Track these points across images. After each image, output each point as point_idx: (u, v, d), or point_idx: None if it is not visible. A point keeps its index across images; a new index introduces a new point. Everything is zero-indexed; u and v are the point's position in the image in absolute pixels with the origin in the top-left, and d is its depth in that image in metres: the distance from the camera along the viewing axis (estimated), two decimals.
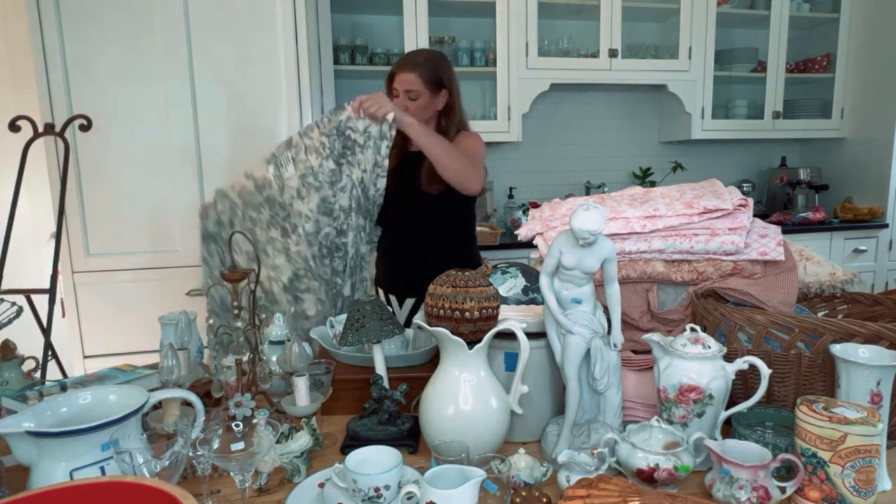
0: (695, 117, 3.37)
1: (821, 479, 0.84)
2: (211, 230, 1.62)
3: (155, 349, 1.29)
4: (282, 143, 1.63)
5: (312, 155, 1.57)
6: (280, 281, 1.63)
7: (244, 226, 1.62)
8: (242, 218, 1.62)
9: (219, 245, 1.64)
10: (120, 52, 2.13)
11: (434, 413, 0.98)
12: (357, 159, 1.59)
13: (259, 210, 1.61)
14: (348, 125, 1.57)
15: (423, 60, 1.84)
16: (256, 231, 1.62)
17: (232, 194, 1.62)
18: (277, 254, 1.62)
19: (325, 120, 1.59)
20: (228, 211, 1.62)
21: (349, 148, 1.58)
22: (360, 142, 1.57)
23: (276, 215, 1.61)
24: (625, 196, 1.46)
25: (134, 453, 0.79)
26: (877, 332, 0.98)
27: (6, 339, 1.32)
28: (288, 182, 1.59)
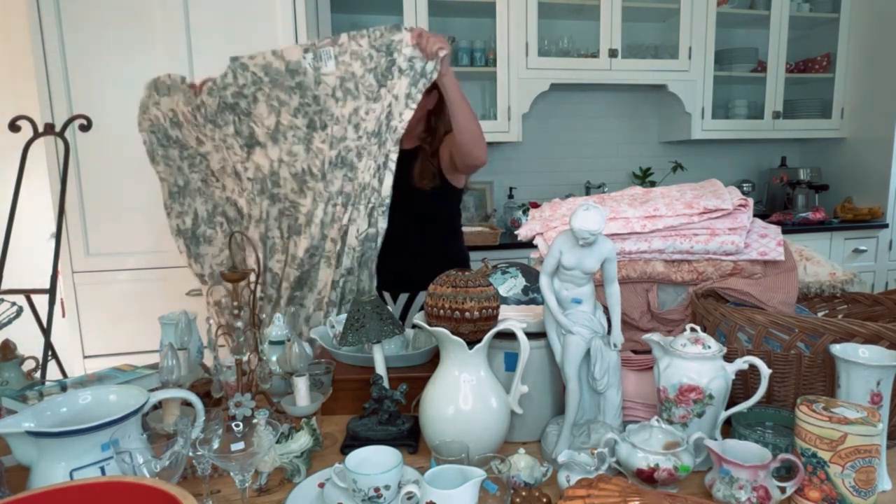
0: (695, 117, 3.37)
1: (821, 479, 0.84)
2: (230, 101, 1.60)
3: (155, 349, 1.29)
4: (326, 38, 1.60)
5: (357, 62, 1.55)
6: (293, 167, 1.63)
7: (269, 104, 1.60)
8: (269, 93, 1.60)
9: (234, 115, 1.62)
10: (120, 52, 2.13)
11: (434, 413, 0.98)
12: (393, 83, 1.56)
13: (290, 94, 1.59)
14: (397, 47, 1.54)
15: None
16: (282, 111, 1.60)
17: (255, 68, 1.60)
18: (298, 142, 1.62)
19: (378, 33, 1.55)
20: (252, 85, 1.60)
21: (391, 71, 1.55)
22: (402, 67, 1.54)
23: (308, 105, 1.60)
24: (625, 196, 1.46)
25: (134, 453, 0.79)
26: (877, 332, 0.97)
27: (6, 339, 1.32)
28: (325, 78, 1.57)
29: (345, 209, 1.64)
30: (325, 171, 1.63)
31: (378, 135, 1.60)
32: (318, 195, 1.64)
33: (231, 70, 1.61)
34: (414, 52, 1.53)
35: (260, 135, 1.63)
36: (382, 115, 1.58)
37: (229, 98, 1.61)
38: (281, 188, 1.66)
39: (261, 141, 1.64)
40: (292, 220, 1.68)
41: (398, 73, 1.54)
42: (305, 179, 1.64)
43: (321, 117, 1.60)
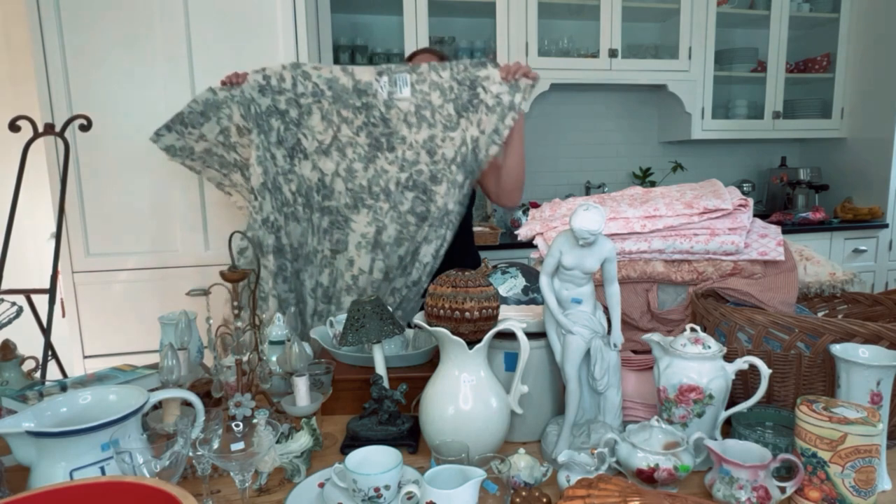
0: (695, 117, 3.37)
1: (821, 479, 0.84)
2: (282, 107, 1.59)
3: (155, 349, 1.29)
4: (403, 64, 1.63)
5: (436, 92, 1.59)
6: (351, 182, 1.63)
7: (328, 117, 1.61)
8: (327, 108, 1.61)
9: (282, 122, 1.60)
10: (120, 52, 2.13)
11: (434, 413, 0.98)
12: (479, 118, 1.59)
13: (354, 112, 1.61)
14: (483, 83, 1.58)
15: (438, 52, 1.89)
16: (342, 127, 1.61)
17: (317, 79, 1.61)
18: (358, 160, 1.63)
19: (461, 67, 1.60)
20: (311, 96, 1.60)
21: (474, 105, 1.59)
22: (488, 103, 1.57)
23: (374, 126, 1.61)
24: (625, 196, 1.46)
25: (134, 453, 0.79)
26: (877, 332, 0.98)
27: (6, 339, 1.32)
28: (398, 103, 1.60)
29: (418, 228, 1.65)
30: (392, 192, 1.64)
31: (462, 164, 1.62)
32: (378, 213, 1.65)
33: (291, 76, 1.61)
34: (502, 87, 1.56)
35: (309, 147, 1.62)
36: (464, 146, 1.60)
37: (282, 104, 1.60)
38: (333, 201, 1.65)
39: (308, 153, 1.63)
40: (342, 234, 1.68)
41: (485, 109, 1.58)
42: (363, 197, 1.65)
43: (390, 139, 1.63)
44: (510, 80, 1.56)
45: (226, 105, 1.60)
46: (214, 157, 1.69)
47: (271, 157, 1.59)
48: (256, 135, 1.58)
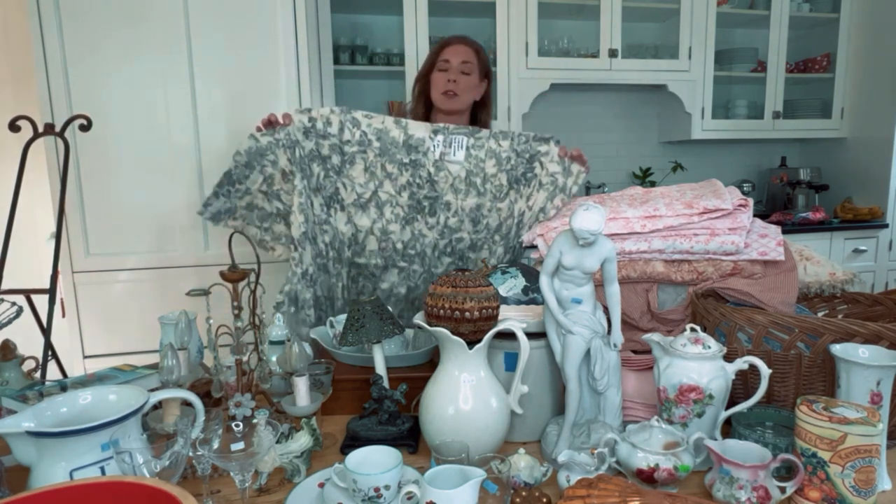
0: (695, 117, 3.37)
1: (821, 479, 0.84)
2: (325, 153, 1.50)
3: (155, 349, 1.29)
4: (463, 126, 1.55)
5: (492, 160, 1.52)
6: (384, 242, 1.56)
7: (371, 170, 1.51)
8: (372, 160, 1.52)
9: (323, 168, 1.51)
10: (120, 52, 2.13)
11: (434, 413, 0.98)
12: (529, 192, 1.52)
13: (400, 168, 1.52)
14: (542, 159, 1.52)
15: (475, 42, 1.84)
16: (385, 183, 1.53)
17: (367, 128, 1.53)
18: (395, 220, 1.55)
19: (523, 138, 1.53)
20: (357, 145, 1.51)
21: (527, 179, 1.52)
22: (542, 181, 1.51)
23: (419, 186, 1.53)
24: (625, 196, 1.46)
25: (134, 453, 0.79)
26: (877, 332, 0.98)
27: (6, 339, 1.32)
28: (449, 165, 1.52)
29: None
30: (428, 255, 1.57)
31: (505, 236, 1.56)
32: (411, 275, 1.59)
33: (339, 121, 1.53)
34: (557, 167, 1.50)
35: (346, 198, 1.54)
36: (511, 219, 1.53)
37: (325, 149, 1.52)
38: (364, 259, 1.59)
39: (345, 204, 1.54)
40: (369, 290, 1.62)
41: (538, 185, 1.51)
42: (394, 258, 1.58)
43: (433, 204, 1.55)
44: (565, 161, 1.51)
45: (270, 151, 1.50)
46: (255, 212, 1.59)
47: (311, 204, 1.51)
48: (300, 179, 1.48)
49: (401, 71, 2.99)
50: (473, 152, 1.53)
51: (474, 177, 1.53)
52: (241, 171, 1.51)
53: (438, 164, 1.53)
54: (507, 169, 1.52)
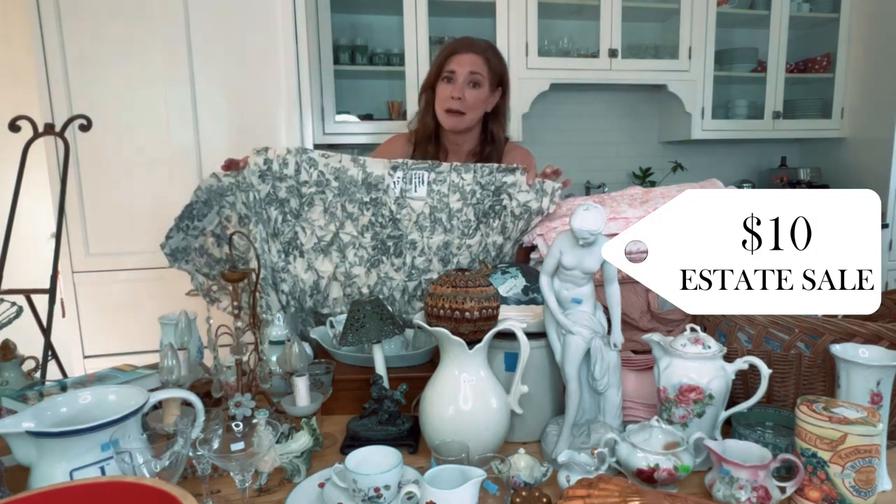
0: (695, 117, 3.37)
1: (821, 479, 0.84)
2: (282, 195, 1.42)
3: (155, 349, 1.29)
4: (422, 161, 1.47)
5: (455, 195, 1.43)
6: (349, 288, 1.46)
7: (331, 210, 1.43)
8: (331, 200, 1.44)
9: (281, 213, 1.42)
10: (120, 52, 2.13)
11: (434, 413, 0.98)
12: (502, 224, 1.44)
13: (361, 208, 1.44)
14: (509, 191, 1.42)
15: (487, 46, 1.63)
16: (346, 224, 1.45)
17: (324, 167, 1.44)
18: (359, 263, 1.46)
19: (486, 170, 1.44)
20: (314, 185, 1.44)
21: (496, 212, 1.44)
22: (515, 212, 1.42)
23: (381, 226, 1.45)
24: (625, 196, 1.46)
25: (134, 453, 0.79)
26: (877, 332, 0.98)
27: (6, 339, 1.32)
28: (411, 202, 1.44)
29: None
30: (397, 300, 1.49)
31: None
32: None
33: (296, 161, 1.44)
34: (528, 195, 1.41)
35: (306, 243, 1.45)
36: (483, 253, 1.46)
37: (282, 192, 1.43)
38: (328, 308, 1.49)
39: (304, 250, 1.46)
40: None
41: (511, 217, 1.43)
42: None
43: (398, 243, 1.46)
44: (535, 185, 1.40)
45: (230, 191, 1.44)
46: (204, 257, 1.49)
47: (268, 249, 1.44)
48: (254, 224, 1.42)
49: (401, 71, 2.99)
50: (435, 187, 1.45)
51: (439, 213, 1.44)
52: (200, 207, 1.44)
53: (400, 201, 1.45)
54: (473, 203, 1.44)
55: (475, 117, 1.65)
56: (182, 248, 1.45)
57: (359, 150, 3.18)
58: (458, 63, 1.60)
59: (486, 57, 1.61)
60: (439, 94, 1.65)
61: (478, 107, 1.62)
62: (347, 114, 3.05)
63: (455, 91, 1.59)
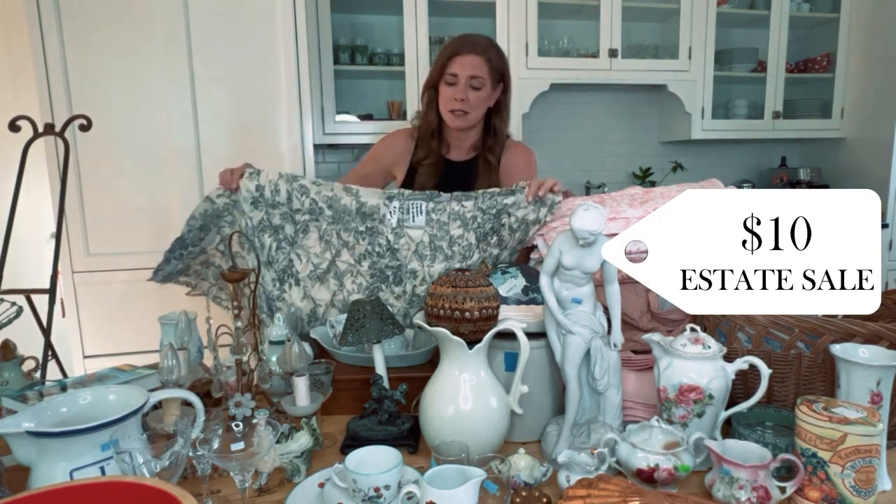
0: (695, 117, 3.37)
1: (821, 479, 0.84)
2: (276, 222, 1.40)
3: (155, 349, 1.29)
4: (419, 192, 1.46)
5: (456, 223, 1.41)
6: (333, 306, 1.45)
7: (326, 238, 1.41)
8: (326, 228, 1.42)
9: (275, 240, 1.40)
10: (120, 51, 2.13)
11: (434, 413, 0.98)
12: (499, 239, 1.44)
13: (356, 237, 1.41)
14: (510, 210, 1.41)
15: (488, 45, 1.63)
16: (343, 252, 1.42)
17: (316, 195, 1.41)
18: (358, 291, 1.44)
19: (488, 195, 1.42)
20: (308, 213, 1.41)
21: (495, 230, 1.43)
22: (512, 226, 1.42)
23: (380, 255, 1.43)
24: (625, 196, 1.46)
25: (134, 453, 0.79)
26: (877, 332, 0.98)
27: (6, 339, 1.32)
28: (409, 231, 1.41)
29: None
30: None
31: None
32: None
33: (287, 189, 1.41)
34: (527, 210, 1.40)
35: (302, 271, 1.43)
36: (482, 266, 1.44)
37: (276, 219, 1.41)
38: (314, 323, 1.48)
39: (300, 277, 1.44)
40: None
41: (508, 231, 1.42)
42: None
43: (398, 273, 1.44)
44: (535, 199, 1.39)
45: (227, 211, 1.43)
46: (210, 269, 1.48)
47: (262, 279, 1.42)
48: (247, 252, 1.41)
49: (401, 71, 2.99)
50: (434, 216, 1.42)
51: (439, 241, 1.42)
52: (195, 234, 1.42)
53: (398, 230, 1.42)
54: (474, 228, 1.42)
55: (478, 115, 1.67)
56: (177, 270, 1.45)
57: (358, 149, 3.18)
58: (460, 66, 1.60)
59: (487, 57, 1.62)
60: (442, 94, 1.67)
61: (480, 106, 1.64)
62: (347, 114, 3.05)
63: (458, 94, 1.61)
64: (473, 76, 1.59)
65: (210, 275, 1.50)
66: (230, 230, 1.42)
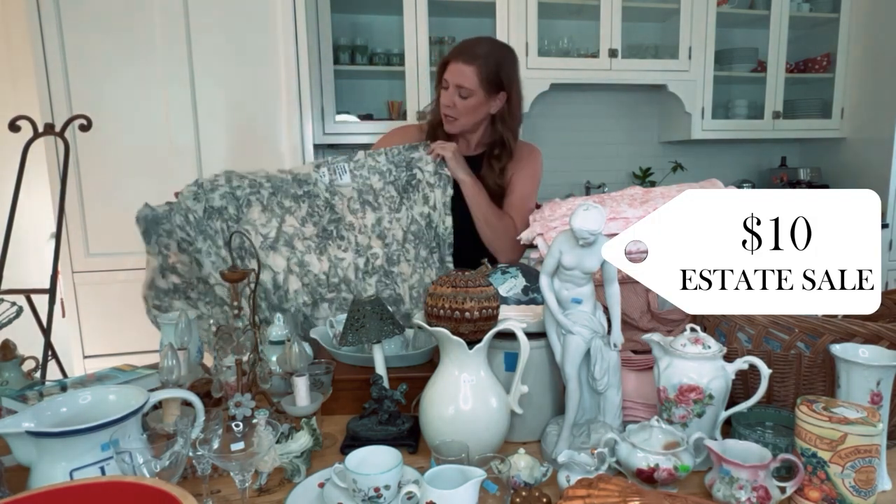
0: (695, 117, 3.37)
1: (821, 479, 0.84)
2: (217, 204, 1.48)
3: (155, 349, 1.29)
4: (340, 156, 1.62)
5: (375, 176, 1.59)
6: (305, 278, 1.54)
7: (270, 208, 1.52)
8: (267, 199, 1.52)
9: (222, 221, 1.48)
10: (120, 52, 2.13)
11: (434, 413, 0.98)
12: (423, 196, 1.62)
13: (297, 201, 1.55)
14: (418, 164, 1.62)
15: (485, 54, 1.62)
16: (287, 218, 1.54)
17: (253, 176, 1.54)
18: (308, 251, 1.55)
19: (395, 151, 1.63)
20: (248, 188, 1.52)
21: (413, 185, 1.61)
22: (429, 181, 1.61)
23: (320, 215, 1.56)
24: (625, 196, 1.46)
25: (134, 453, 0.79)
26: (877, 332, 0.98)
27: (6, 339, 1.32)
28: (341, 189, 1.58)
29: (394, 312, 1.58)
30: (353, 280, 1.57)
31: (419, 241, 1.61)
32: (343, 305, 1.56)
33: (225, 176, 1.53)
34: (436, 164, 1.61)
35: (254, 243, 1.49)
36: (414, 224, 1.61)
37: (216, 201, 1.48)
38: (290, 303, 1.54)
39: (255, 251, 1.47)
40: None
41: (428, 187, 1.61)
42: (321, 292, 1.56)
43: (338, 227, 1.58)
44: (436, 159, 1.61)
45: (165, 219, 1.46)
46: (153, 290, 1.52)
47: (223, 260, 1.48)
48: (202, 241, 1.45)
49: (401, 71, 2.99)
50: (357, 173, 1.60)
51: (366, 194, 1.59)
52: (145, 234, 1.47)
53: (331, 189, 1.58)
54: (391, 181, 1.60)
55: (470, 122, 1.68)
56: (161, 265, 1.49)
57: (359, 150, 3.18)
58: (451, 73, 1.63)
59: (477, 67, 1.60)
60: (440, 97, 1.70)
61: (469, 114, 1.65)
62: (347, 114, 3.05)
63: (446, 100, 1.64)
64: (459, 85, 1.61)
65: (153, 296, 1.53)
66: (167, 239, 1.46)
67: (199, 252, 1.45)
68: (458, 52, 1.65)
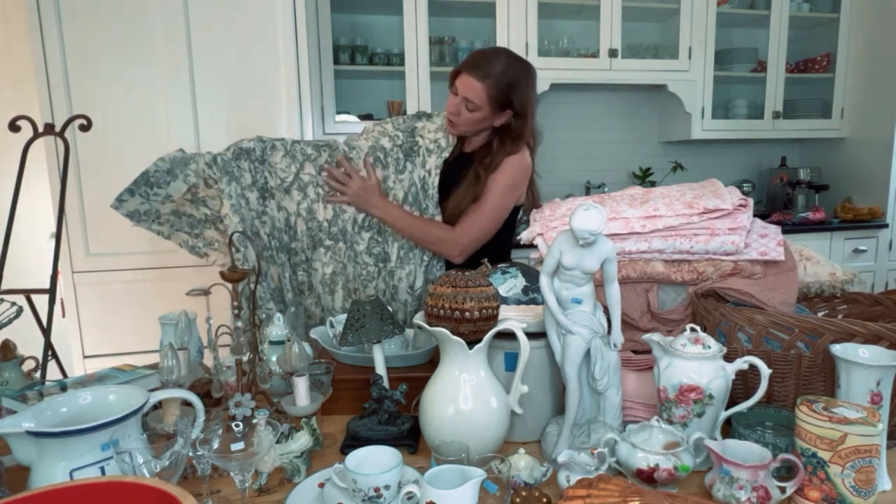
0: (695, 117, 3.37)
1: (821, 479, 0.84)
2: (245, 146, 1.58)
3: (155, 349, 1.29)
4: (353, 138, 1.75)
5: (385, 138, 1.70)
6: (310, 223, 1.64)
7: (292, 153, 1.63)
8: (291, 144, 1.64)
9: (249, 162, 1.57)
10: (120, 51, 2.13)
11: (434, 413, 0.98)
12: (422, 160, 1.71)
13: (318, 150, 1.66)
14: (421, 133, 1.74)
15: (498, 74, 1.60)
16: (306, 165, 1.63)
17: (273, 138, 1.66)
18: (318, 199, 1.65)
19: (401, 120, 1.77)
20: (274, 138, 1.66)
21: (415, 151, 1.72)
22: (430, 148, 1.72)
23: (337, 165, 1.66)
24: (625, 196, 1.46)
25: (134, 453, 0.79)
26: (877, 332, 0.98)
27: (6, 339, 1.32)
28: (357, 143, 1.69)
29: (379, 270, 1.68)
30: (349, 232, 1.66)
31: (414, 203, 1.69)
32: (337, 254, 1.65)
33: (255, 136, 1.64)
34: (437, 133, 1.73)
35: (273, 185, 1.61)
36: (413, 186, 1.70)
37: (245, 143, 1.59)
38: (298, 241, 1.65)
39: (273, 191, 1.61)
40: (305, 276, 1.67)
41: (426, 152, 1.72)
42: (321, 237, 1.64)
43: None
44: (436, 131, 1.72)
45: (192, 160, 1.51)
46: (183, 218, 1.58)
47: (246, 202, 1.56)
48: (227, 183, 1.50)
49: (401, 71, 2.99)
50: (371, 134, 1.74)
51: (377, 151, 1.68)
52: (161, 175, 1.49)
53: (349, 142, 1.70)
54: (399, 144, 1.71)
55: (469, 131, 1.70)
56: (145, 210, 1.54)
57: None
58: (461, 84, 1.62)
59: (489, 84, 1.59)
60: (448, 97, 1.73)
61: (471, 125, 1.67)
62: (347, 114, 3.05)
63: (452, 106, 1.66)
64: (467, 98, 1.61)
65: (185, 224, 1.60)
66: (195, 179, 1.51)
67: (221, 192, 1.51)
68: (472, 65, 1.63)
